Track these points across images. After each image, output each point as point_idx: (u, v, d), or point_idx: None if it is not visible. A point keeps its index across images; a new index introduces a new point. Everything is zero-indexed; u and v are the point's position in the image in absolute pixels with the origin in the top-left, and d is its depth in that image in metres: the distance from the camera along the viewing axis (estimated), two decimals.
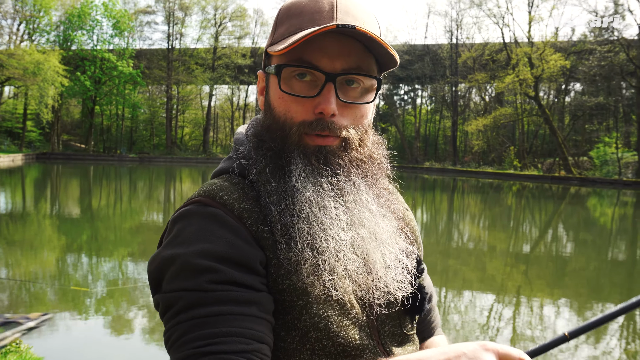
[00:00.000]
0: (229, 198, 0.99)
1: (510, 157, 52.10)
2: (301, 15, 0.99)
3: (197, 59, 62.33)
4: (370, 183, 1.06)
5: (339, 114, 1.00)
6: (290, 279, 0.96)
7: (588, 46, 48.98)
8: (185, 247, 0.94)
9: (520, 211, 20.86)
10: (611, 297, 7.87)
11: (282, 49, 0.95)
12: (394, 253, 1.05)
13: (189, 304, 0.91)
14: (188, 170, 45.12)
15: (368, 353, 1.01)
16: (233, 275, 0.92)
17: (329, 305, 0.98)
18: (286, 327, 0.97)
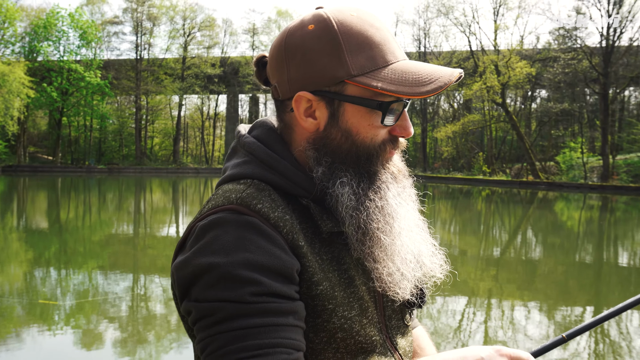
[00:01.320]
0: (262, 206, 1.01)
1: (479, 163, 52.75)
2: (374, 45, 1.04)
3: (166, 69, 61.88)
4: (409, 184, 1.18)
5: None
6: (323, 285, 1.02)
7: (552, 54, 50.00)
8: (224, 256, 0.95)
9: (490, 216, 21.13)
10: (579, 300, 8.02)
11: (416, 94, 1.00)
12: (429, 240, 1.16)
13: (230, 315, 0.94)
14: (158, 180, 44.66)
15: (379, 347, 1.10)
16: (274, 286, 0.95)
17: (351, 307, 1.06)
18: (315, 329, 1.03)
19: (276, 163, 1.08)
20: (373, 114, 1.05)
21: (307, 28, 1.06)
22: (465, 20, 58.92)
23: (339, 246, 1.08)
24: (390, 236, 1.06)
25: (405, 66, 1.04)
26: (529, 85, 52.58)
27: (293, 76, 1.06)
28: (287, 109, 1.11)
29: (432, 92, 1.00)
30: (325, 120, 1.07)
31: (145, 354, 5.17)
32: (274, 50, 1.10)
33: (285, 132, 1.14)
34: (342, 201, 1.05)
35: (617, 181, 40.11)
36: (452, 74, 1.03)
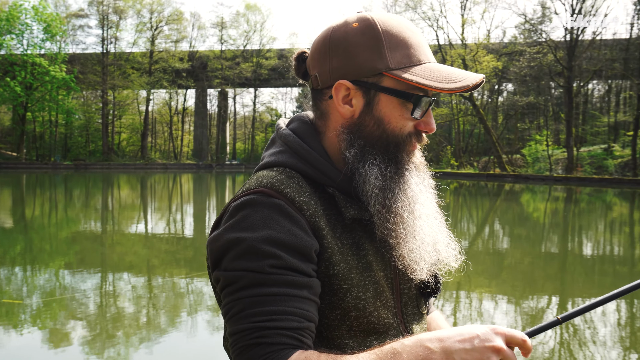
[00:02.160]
0: (290, 191, 1.14)
1: (447, 156, 53.31)
2: (411, 46, 1.18)
3: (133, 63, 61.07)
4: (429, 177, 1.31)
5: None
6: (340, 266, 1.14)
7: (518, 48, 50.71)
8: (251, 232, 1.09)
9: (458, 209, 21.37)
10: (545, 289, 8.17)
11: (447, 89, 1.12)
12: (445, 232, 1.28)
13: (250, 283, 1.07)
14: (126, 176, 44.10)
15: (393, 330, 1.21)
16: (292, 261, 1.08)
17: (366, 289, 1.17)
18: (331, 306, 1.15)
19: (307, 154, 1.21)
20: (404, 106, 1.18)
21: (352, 25, 1.18)
22: (433, 14, 59.38)
23: (360, 233, 1.20)
24: (412, 216, 1.17)
25: (436, 66, 1.18)
26: (496, 79, 53.25)
27: (335, 66, 1.18)
28: (325, 97, 1.22)
29: (459, 90, 1.12)
30: (361, 108, 1.19)
31: (114, 353, 5.12)
32: (318, 44, 1.22)
33: (320, 119, 1.26)
34: (370, 180, 1.16)
35: (581, 173, 40.96)
36: (476, 77, 1.16)
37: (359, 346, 1.16)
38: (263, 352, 1.03)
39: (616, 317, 6.75)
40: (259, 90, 69.52)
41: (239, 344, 1.06)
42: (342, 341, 1.16)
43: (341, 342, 1.16)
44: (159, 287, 7.78)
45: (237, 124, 76.90)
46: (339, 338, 1.16)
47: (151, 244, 11.76)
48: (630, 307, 7.23)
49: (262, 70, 64.54)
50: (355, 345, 1.16)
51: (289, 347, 1.04)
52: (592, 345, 5.57)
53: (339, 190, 1.20)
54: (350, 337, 1.17)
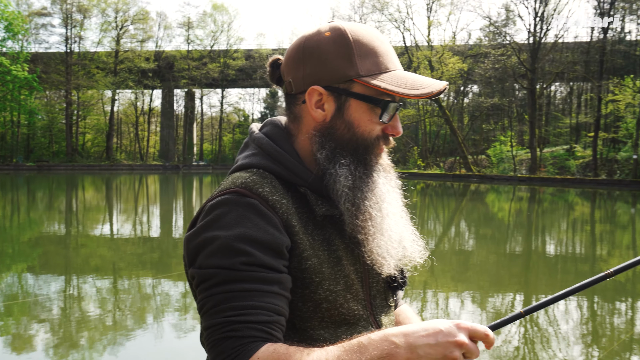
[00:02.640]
0: (263, 190, 1.20)
1: (414, 156, 53.80)
2: (379, 54, 1.25)
3: (98, 62, 60.14)
4: (395, 179, 1.37)
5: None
6: (312, 260, 1.20)
7: (483, 50, 51.41)
8: (225, 230, 1.15)
9: (425, 209, 21.58)
10: (510, 287, 8.31)
11: (412, 95, 1.20)
12: (411, 230, 1.34)
13: (223, 279, 1.13)
14: (91, 177, 43.42)
15: (362, 322, 1.27)
16: (263, 258, 1.14)
17: (337, 282, 1.23)
18: (304, 299, 1.21)
19: (280, 156, 1.27)
20: (373, 111, 1.25)
21: (324, 35, 1.25)
22: (400, 16, 59.92)
23: (330, 230, 1.26)
24: (380, 213, 1.24)
25: (403, 74, 1.26)
26: (461, 80, 53.93)
27: (308, 72, 1.25)
28: (299, 101, 1.29)
29: (424, 96, 1.21)
30: (332, 112, 1.26)
31: (78, 357, 5.05)
32: (292, 51, 1.28)
33: (293, 122, 1.32)
34: (341, 180, 1.23)
35: (544, 173, 41.73)
36: (440, 84, 1.24)
37: (330, 337, 1.22)
38: (234, 345, 1.09)
39: (578, 313, 6.90)
40: (226, 90, 69.14)
41: (211, 338, 1.11)
42: (315, 332, 1.22)
43: (313, 333, 1.22)
44: (125, 290, 7.69)
45: (205, 125, 76.31)
46: (311, 329, 1.22)
47: (117, 246, 11.60)
48: (591, 304, 7.40)
49: (230, 71, 64.18)
50: (327, 335, 1.22)
51: (258, 340, 1.10)
52: (555, 341, 5.69)
53: (310, 190, 1.26)
54: (322, 328, 1.22)
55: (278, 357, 1.08)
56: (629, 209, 22.71)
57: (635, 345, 5.79)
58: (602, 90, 41.24)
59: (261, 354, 1.08)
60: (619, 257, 11.06)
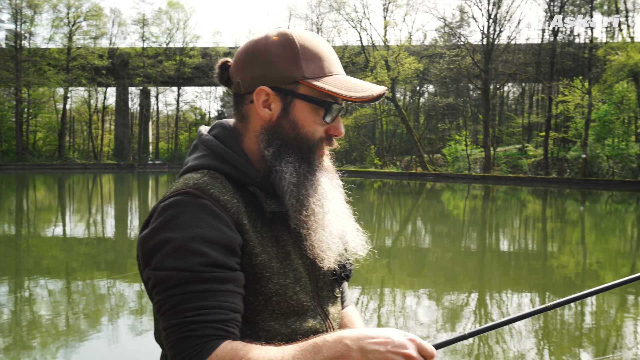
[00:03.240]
0: (214, 191, 1.24)
1: (371, 155, 54.18)
2: (324, 59, 1.33)
3: (49, 59, 58.50)
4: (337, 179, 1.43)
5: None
6: (261, 257, 1.25)
7: (438, 50, 52.11)
8: (179, 231, 1.18)
9: (382, 207, 21.78)
10: (465, 284, 8.47)
11: (354, 97, 1.28)
12: (354, 225, 1.41)
13: (180, 281, 1.16)
14: (43, 177, 42.33)
15: (311, 312, 1.33)
16: (218, 257, 1.18)
17: (286, 276, 1.28)
18: (255, 293, 1.25)
19: (229, 157, 1.32)
20: (316, 112, 1.31)
21: (272, 39, 1.32)
22: (357, 16, 60.11)
23: (279, 226, 1.31)
24: (322, 210, 1.29)
25: (345, 78, 1.33)
26: (417, 80, 54.58)
27: (257, 74, 1.31)
28: (247, 101, 1.34)
29: (365, 99, 1.28)
30: (279, 112, 1.32)
31: None
32: (241, 53, 1.35)
33: (241, 121, 1.37)
34: (286, 177, 1.28)
35: (498, 172, 42.61)
36: (379, 89, 1.31)
37: (281, 327, 1.27)
38: (193, 344, 1.13)
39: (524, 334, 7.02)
40: (182, 89, 68.24)
41: (171, 338, 1.15)
42: (266, 324, 1.27)
43: (264, 325, 1.27)
44: (79, 292, 7.53)
45: (160, 123, 75.21)
46: (262, 321, 1.27)
47: (70, 247, 11.36)
48: (537, 322, 7.59)
49: (186, 69, 63.39)
50: (277, 327, 1.27)
51: (217, 338, 1.14)
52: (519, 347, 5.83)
53: (259, 188, 1.32)
54: (272, 320, 1.27)
55: (236, 353, 1.12)
56: (578, 206, 23.38)
57: (585, 339, 5.98)
58: (552, 91, 42.33)
59: (219, 352, 1.12)
60: (568, 253, 11.38)
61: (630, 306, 7.38)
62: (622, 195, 28.33)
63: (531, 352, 5.39)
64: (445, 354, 5.19)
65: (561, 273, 9.36)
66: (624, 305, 7.39)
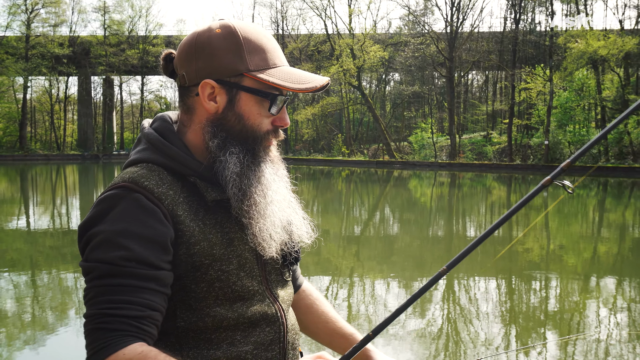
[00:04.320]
0: (149, 183, 1.26)
1: (338, 144, 54.27)
2: (267, 51, 1.34)
3: (7, 47, 56.94)
4: (283, 169, 1.45)
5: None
6: (200, 245, 1.27)
7: (403, 38, 52.35)
8: (108, 225, 1.21)
9: (350, 195, 21.88)
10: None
11: (299, 89, 1.30)
12: (300, 214, 1.45)
13: (102, 273, 1.18)
14: (4, 169, 41.38)
15: (258, 296, 1.36)
16: (142, 254, 1.19)
17: (229, 262, 1.31)
18: (196, 280, 1.27)
19: (168, 149, 1.33)
20: (262, 104, 1.33)
21: (215, 31, 1.32)
22: (321, 4, 60.05)
23: (222, 213, 1.33)
24: (264, 200, 1.32)
25: (289, 69, 1.34)
26: (383, 68, 54.76)
27: (201, 67, 1.31)
28: (192, 93, 1.35)
29: (309, 90, 1.31)
30: (224, 105, 1.32)
31: None
32: (185, 46, 1.35)
33: (186, 113, 1.38)
34: (229, 167, 1.30)
35: (464, 159, 43.13)
36: (322, 80, 1.33)
37: (227, 312, 1.30)
38: (104, 336, 1.14)
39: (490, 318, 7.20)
40: (146, 77, 67.25)
41: (86, 327, 1.17)
42: (211, 310, 1.29)
43: (210, 311, 1.29)
44: (44, 285, 7.42)
45: (125, 113, 74.06)
46: (207, 307, 1.29)
47: (34, 240, 11.15)
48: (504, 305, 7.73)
49: (150, 58, 62.39)
50: (223, 312, 1.29)
51: (128, 335, 1.15)
52: (477, 321, 5.94)
53: (200, 178, 1.33)
54: (217, 306, 1.29)
55: (145, 357, 1.13)
56: (541, 192, 23.81)
57: (550, 321, 6.13)
58: (515, 78, 42.96)
59: (128, 352, 1.13)
60: (533, 238, 11.62)
61: (592, 289, 7.59)
62: (583, 180, 28.98)
63: (498, 336, 5.51)
64: (414, 340, 5.27)
65: (526, 258, 9.55)
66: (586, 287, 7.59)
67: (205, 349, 1.29)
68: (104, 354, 1.13)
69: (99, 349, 1.13)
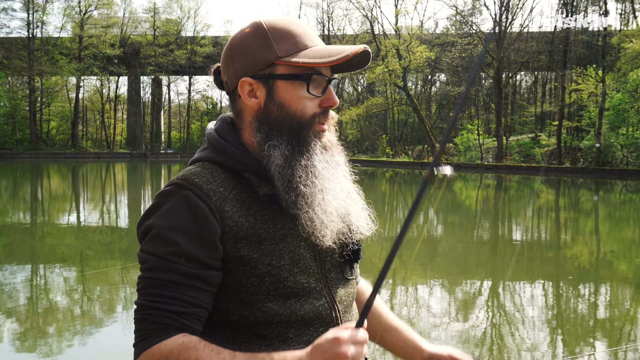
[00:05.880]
0: (199, 180, 1.30)
1: (382, 145, 54.04)
2: (296, 35, 1.34)
3: (61, 48, 58.73)
4: (341, 156, 1.43)
5: None
6: (248, 239, 1.28)
7: (450, 39, 51.74)
8: (159, 219, 1.27)
9: (394, 197, 21.76)
10: (478, 274, 8.46)
11: (328, 62, 1.28)
12: (360, 205, 1.43)
13: (152, 265, 1.26)
14: (57, 166, 42.65)
15: (315, 294, 1.34)
16: (188, 249, 1.24)
17: (280, 257, 1.30)
18: (246, 275, 1.28)
19: (223, 147, 1.36)
20: (300, 87, 1.32)
21: (245, 31, 1.36)
22: (368, 4, 59.84)
23: (276, 209, 1.33)
24: (310, 189, 1.30)
25: (322, 47, 1.34)
26: (429, 69, 54.25)
27: (237, 68, 1.35)
28: (237, 97, 1.39)
29: (339, 61, 1.28)
30: (264, 98, 1.34)
31: (46, 348, 4.99)
32: (223, 54, 1.40)
33: (237, 117, 1.41)
34: (273, 160, 1.30)
35: (510, 161, 42.35)
36: (354, 48, 1.30)
37: (279, 308, 1.29)
38: (148, 327, 1.23)
39: (537, 324, 7.05)
40: (194, 78, 68.30)
41: (135, 315, 1.27)
42: (263, 305, 1.29)
43: (261, 306, 1.29)
44: (93, 279, 7.60)
45: (172, 112, 75.41)
46: (259, 302, 1.29)
47: (84, 235, 11.45)
48: (551, 311, 7.56)
49: (197, 58, 63.40)
50: (275, 307, 1.29)
51: (170, 328, 1.22)
52: (522, 328, 5.81)
53: (254, 174, 1.35)
54: (270, 301, 1.29)
55: (185, 347, 1.20)
56: (592, 196, 23.23)
57: (599, 329, 5.96)
58: (565, 79, 41.95)
59: (170, 342, 1.21)
60: (582, 243, 11.32)
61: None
62: (636, 184, 28.11)
63: (544, 343, 5.38)
64: (456, 345, 5.20)
65: (574, 263, 9.32)
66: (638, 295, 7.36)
67: (257, 344, 1.30)
68: (147, 344, 1.22)
69: (144, 338, 1.23)
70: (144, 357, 1.22)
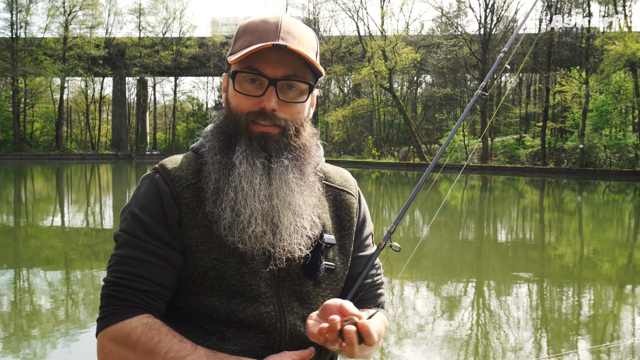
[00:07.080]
0: (170, 166, 1.35)
1: (368, 146, 54.11)
2: (253, 33, 1.31)
3: (45, 49, 58.10)
4: (298, 165, 1.34)
5: (279, 109, 1.31)
6: (199, 229, 1.29)
7: (436, 40, 51.98)
8: (134, 200, 1.34)
9: (380, 198, 21.80)
10: (463, 274, 8.50)
11: (234, 59, 1.28)
12: (301, 222, 1.31)
13: (122, 243, 1.31)
14: (40, 167, 42.23)
15: (265, 299, 1.31)
16: (154, 228, 1.28)
17: (229, 254, 1.29)
18: (194, 265, 1.29)
19: (205, 138, 1.39)
20: (235, 84, 1.33)
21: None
22: (354, 5, 59.92)
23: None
24: (233, 194, 1.27)
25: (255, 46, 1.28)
26: (415, 70, 54.43)
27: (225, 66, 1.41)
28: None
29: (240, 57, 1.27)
30: (226, 93, 1.39)
31: (30, 351, 4.95)
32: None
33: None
34: (205, 161, 1.34)
35: (495, 162, 42.62)
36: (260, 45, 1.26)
37: (220, 305, 1.29)
38: (114, 304, 1.25)
39: (522, 324, 7.10)
40: (179, 79, 68.00)
41: (102, 291, 1.30)
42: (205, 298, 1.30)
43: (204, 299, 1.30)
44: (78, 282, 7.55)
45: (158, 114, 74.99)
46: (203, 295, 1.30)
47: (69, 237, 11.36)
48: (535, 312, 7.60)
49: (183, 59, 63.11)
50: (217, 303, 1.29)
51: (135, 306, 1.25)
52: (507, 327, 5.85)
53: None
54: (213, 296, 1.30)
55: (149, 328, 1.22)
56: (575, 197, 23.43)
57: (583, 328, 6.02)
58: (550, 81, 42.30)
59: (134, 321, 1.23)
60: (566, 243, 11.42)
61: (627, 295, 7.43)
62: (619, 185, 28.40)
63: (529, 342, 5.42)
64: (442, 345, 5.22)
65: (558, 263, 9.40)
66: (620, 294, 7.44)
67: (198, 337, 1.30)
68: (111, 320, 1.24)
69: (108, 314, 1.25)
70: (107, 332, 1.24)
